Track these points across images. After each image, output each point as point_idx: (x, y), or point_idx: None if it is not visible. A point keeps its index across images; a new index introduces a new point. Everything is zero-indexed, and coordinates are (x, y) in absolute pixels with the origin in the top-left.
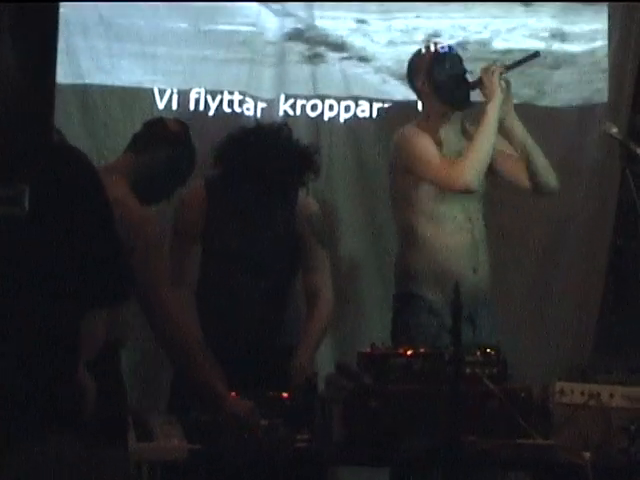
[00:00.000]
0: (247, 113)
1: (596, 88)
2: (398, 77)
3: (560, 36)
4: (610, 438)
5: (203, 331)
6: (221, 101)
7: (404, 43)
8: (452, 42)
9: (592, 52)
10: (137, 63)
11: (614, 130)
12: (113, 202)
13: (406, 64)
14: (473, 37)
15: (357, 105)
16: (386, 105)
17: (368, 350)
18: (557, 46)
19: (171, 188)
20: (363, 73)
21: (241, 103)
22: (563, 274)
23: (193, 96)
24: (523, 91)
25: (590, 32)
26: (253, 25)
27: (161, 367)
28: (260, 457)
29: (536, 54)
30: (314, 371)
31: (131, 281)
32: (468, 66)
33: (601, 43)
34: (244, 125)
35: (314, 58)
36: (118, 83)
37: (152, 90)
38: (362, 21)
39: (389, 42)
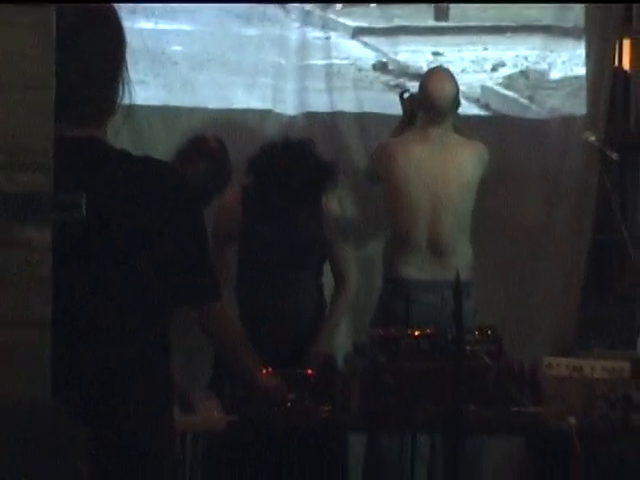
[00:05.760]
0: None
1: None
2: (471, 100)
3: None
4: (592, 406)
5: (241, 319)
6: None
7: (475, 72)
8: (515, 71)
9: None
10: (246, 93)
11: (592, 138)
12: None
13: (479, 89)
14: (533, 67)
15: None
16: None
17: (381, 332)
18: None
19: (207, 197)
20: None
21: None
22: (551, 264)
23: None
24: None
25: None
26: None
27: (203, 348)
28: (288, 426)
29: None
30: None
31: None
32: (529, 92)
33: None
34: (273, 140)
35: (396, 87)
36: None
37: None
38: (438, 53)
39: (462, 71)
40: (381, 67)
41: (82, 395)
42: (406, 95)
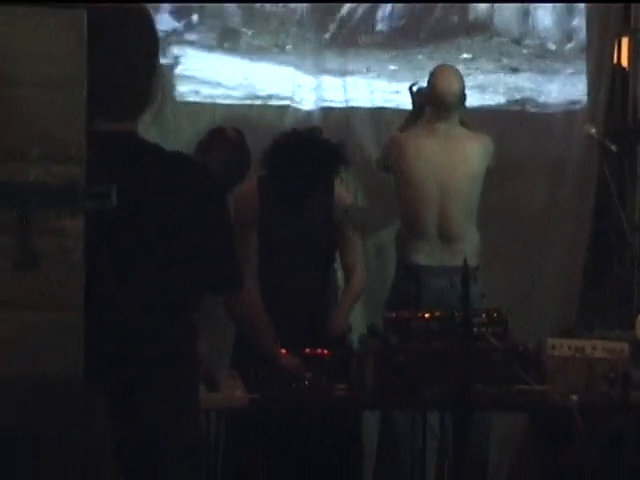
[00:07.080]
0: None
1: None
2: None
3: None
4: (593, 384)
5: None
6: None
7: None
8: None
9: None
10: None
11: (593, 130)
12: None
13: None
14: None
15: None
16: None
17: (393, 315)
18: None
19: (229, 186)
20: None
21: None
22: (554, 250)
23: None
24: None
25: None
26: None
27: (225, 330)
28: (306, 404)
29: None
30: (348, 327)
31: (242, 273)
32: None
33: None
34: (284, 132)
35: None
36: None
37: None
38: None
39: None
40: None
41: (111, 380)
42: (415, 88)
